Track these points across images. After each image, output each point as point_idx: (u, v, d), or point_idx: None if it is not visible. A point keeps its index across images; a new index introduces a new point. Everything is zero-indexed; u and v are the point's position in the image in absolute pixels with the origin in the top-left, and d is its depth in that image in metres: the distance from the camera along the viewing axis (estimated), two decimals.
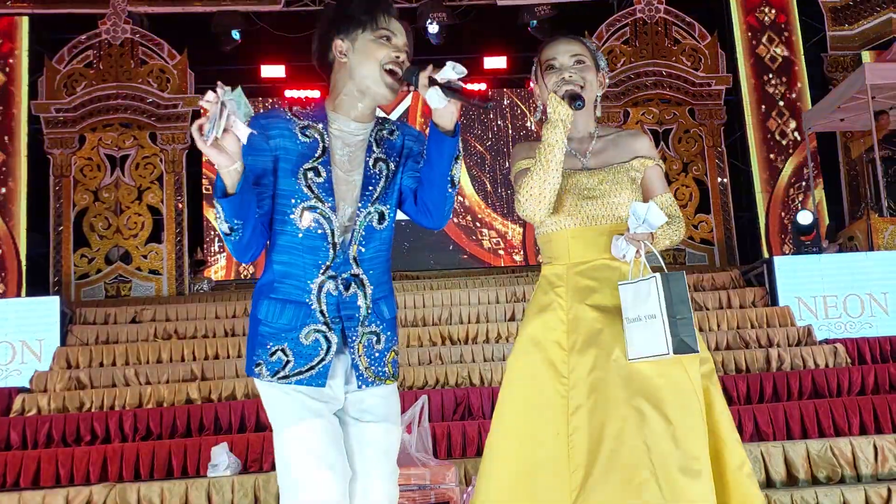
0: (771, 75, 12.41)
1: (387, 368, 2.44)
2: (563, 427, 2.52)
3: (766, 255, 11.32)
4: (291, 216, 2.33)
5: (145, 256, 11.88)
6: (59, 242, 11.80)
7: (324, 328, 2.33)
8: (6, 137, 11.72)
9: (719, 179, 12.42)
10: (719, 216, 12.23)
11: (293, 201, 2.33)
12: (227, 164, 2.13)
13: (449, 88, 2.27)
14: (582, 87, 2.70)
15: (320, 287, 2.34)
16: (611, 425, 2.45)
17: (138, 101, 12.14)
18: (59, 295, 10.18)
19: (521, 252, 13.54)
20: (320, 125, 2.40)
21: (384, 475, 2.42)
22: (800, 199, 12.02)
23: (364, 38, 2.39)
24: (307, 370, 2.31)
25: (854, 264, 8.96)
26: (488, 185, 13.46)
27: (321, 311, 2.33)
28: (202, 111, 2.11)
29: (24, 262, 11.47)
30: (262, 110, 12.35)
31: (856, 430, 6.34)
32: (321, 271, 2.34)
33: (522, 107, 13.76)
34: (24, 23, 12.04)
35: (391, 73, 2.37)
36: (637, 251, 2.59)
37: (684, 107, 12.62)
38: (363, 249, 2.39)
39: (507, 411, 2.69)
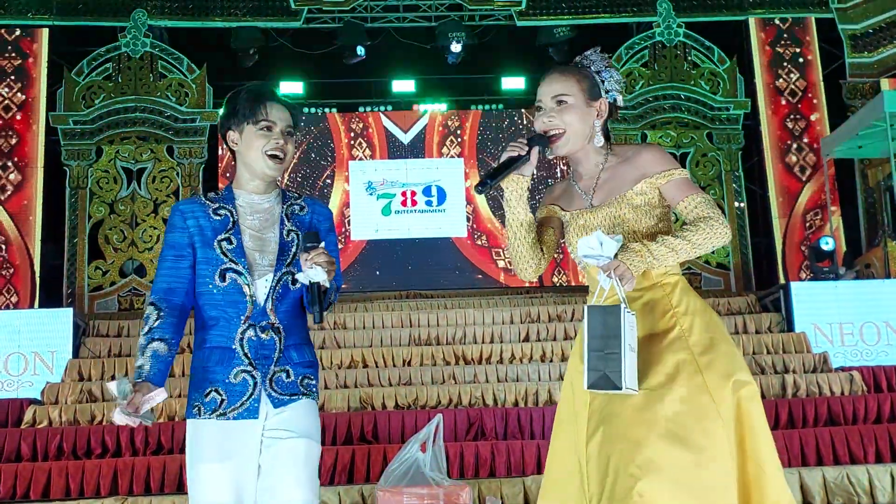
0: (789, 101, 12.38)
1: (300, 388, 2.77)
2: (583, 455, 2.53)
3: (782, 280, 11.25)
4: (212, 280, 2.74)
5: None
6: (74, 254, 11.82)
7: (249, 367, 2.71)
8: (24, 148, 11.77)
9: (736, 204, 12.37)
10: (736, 241, 12.18)
11: (212, 267, 2.74)
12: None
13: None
14: (563, 131, 2.67)
15: (243, 334, 2.72)
16: (613, 458, 2.42)
17: (156, 115, 12.19)
18: (73, 307, 10.19)
19: None
20: (229, 204, 2.82)
21: (299, 480, 2.68)
22: (817, 225, 11.95)
23: (250, 129, 2.78)
24: (240, 406, 2.69)
25: (871, 292, 8.90)
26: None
27: (245, 354, 2.72)
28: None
29: (38, 274, 11.48)
30: None
31: (871, 459, 6.27)
32: (243, 321, 2.72)
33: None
34: (45, 35, 12.12)
35: (273, 157, 2.77)
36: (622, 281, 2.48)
37: (702, 130, 12.59)
38: (279, 304, 2.76)
39: (552, 447, 2.74)
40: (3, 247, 11.46)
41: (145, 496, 6.02)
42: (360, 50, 12.63)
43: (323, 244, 2.62)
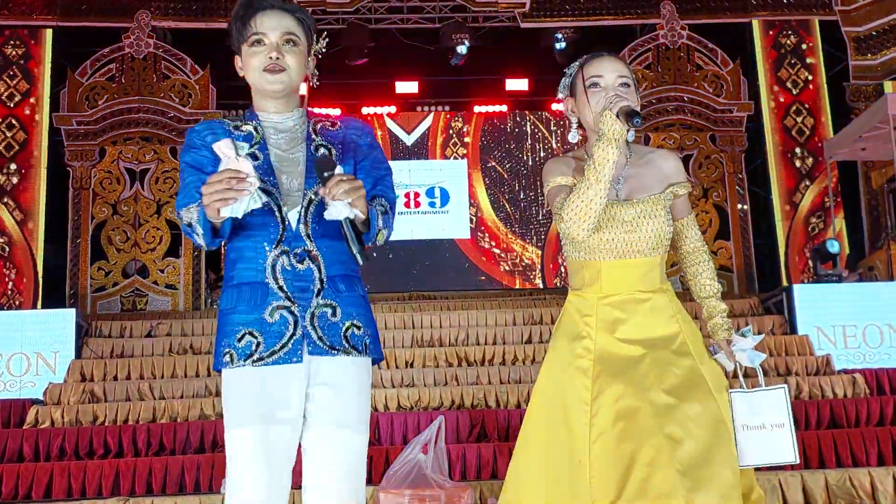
0: (793, 103, 12.37)
1: (343, 341, 2.40)
2: (585, 455, 2.50)
3: (785, 283, 11.24)
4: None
5: (162, 271, 11.90)
6: (77, 255, 11.83)
7: (287, 303, 2.36)
8: (27, 148, 11.78)
9: (739, 206, 12.36)
10: (739, 243, 12.17)
11: None
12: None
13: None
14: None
15: (273, 264, 2.37)
16: (643, 453, 2.43)
17: (160, 116, 12.20)
18: (75, 307, 10.20)
19: (540, 275, 13.50)
20: (252, 122, 2.53)
21: (337, 489, 2.38)
22: (820, 227, 11.94)
23: (245, 50, 2.51)
24: (280, 349, 2.33)
25: (874, 294, 8.88)
26: (508, 207, 13.45)
27: (280, 287, 2.36)
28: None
29: (40, 274, 11.50)
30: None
31: (874, 462, 6.25)
32: (273, 247, 2.37)
33: (543, 130, 13.75)
34: (48, 35, 12.14)
35: (270, 69, 2.46)
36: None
37: (705, 133, 12.59)
38: (316, 227, 2.40)
39: (532, 437, 2.68)
40: (6, 247, 11.47)
41: (147, 497, 6.01)
42: (365, 51, 12.61)
43: (339, 168, 2.27)
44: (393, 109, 13.79)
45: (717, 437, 2.50)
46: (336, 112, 13.48)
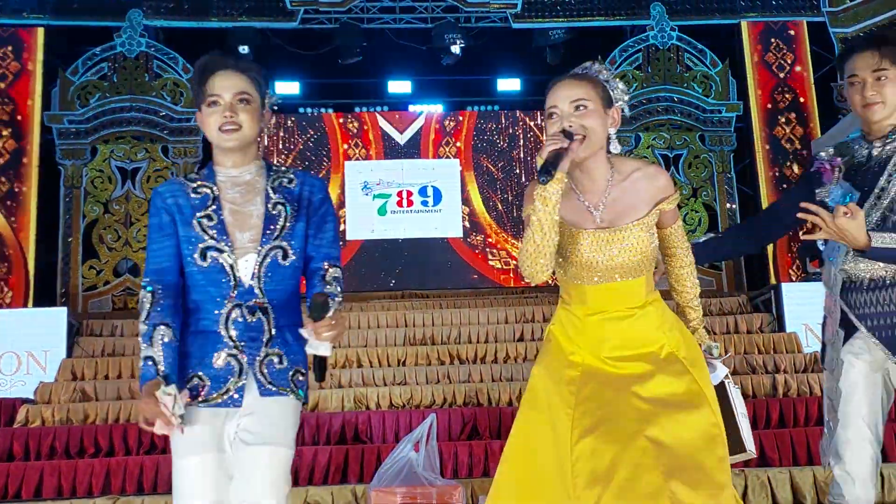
0: (781, 104, 12.43)
1: (290, 384, 2.65)
2: (567, 456, 2.51)
3: (773, 281, 11.29)
4: (193, 260, 2.63)
5: None
6: (68, 253, 11.82)
7: (234, 351, 2.60)
8: (18, 147, 11.76)
9: (728, 205, 12.42)
10: None
11: (192, 246, 2.64)
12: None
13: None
14: (584, 137, 2.56)
15: (227, 315, 2.61)
16: (628, 454, 2.43)
17: (151, 115, 12.20)
18: (67, 306, 10.19)
19: None
20: (210, 181, 2.72)
21: (262, 488, 2.57)
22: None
23: (203, 110, 2.69)
24: (224, 392, 2.59)
25: None
26: (500, 206, 13.47)
27: (230, 337, 2.61)
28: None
29: (32, 273, 11.47)
30: (272, 125, 12.32)
31: None
32: (227, 300, 2.61)
33: (536, 130, 13.79)
34: (40, 34, 12.11)
35: (225, 128, 2.64)
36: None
37: (695, 132, 12.65)
38: (268, 281, 2.63)
39: (519, 438, 2.68)
40: None
41: (138, 496, 6.02)
42: (357, 50, 12.63)
43: (331, 311, 2.51)
44: (385, 109, 13.80)
45: (709, 441, 2.50)
46: (327, 109, 13.50)
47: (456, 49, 12.56)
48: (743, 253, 7.79)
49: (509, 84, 13.80)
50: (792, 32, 12.70)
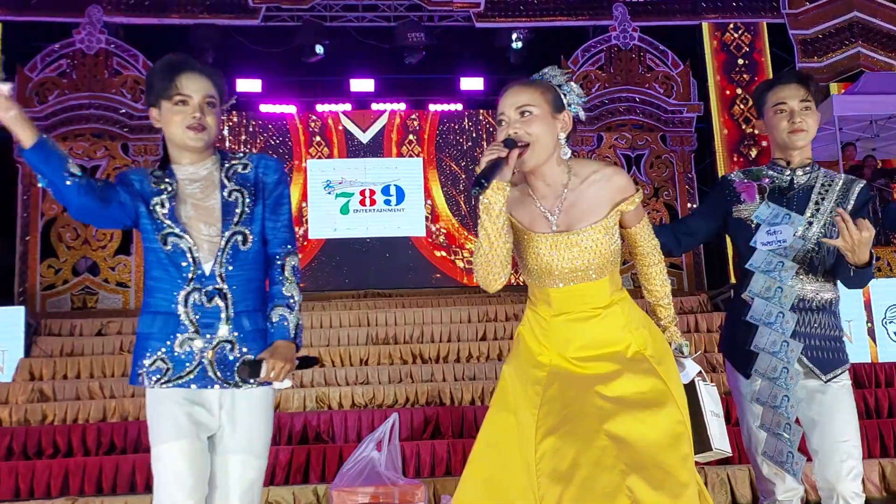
0: (741, 104, 12.58)
1: (234, 376, 2.69)
2: (532, 456, 2.52)
3: (733, 280, 11.42)
4: (154, 241, 2.69)
5: (113, 268, 11.77)
6: (26, 252, 11.65)
7: (194, 335, 2.65)
8: None
9: (689, 205, 12.55)
10: None
11: (152, 229, 2.70)
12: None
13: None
14: (529, 144, 2.56)
15: (186, 298, 2.66)
16: (588, 453, 2.44)
17: (111, 112, 12.06)
18: (25, 305, 10.03)
19: None
20: (170, 178, 2.77)
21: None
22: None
23: (167, 106, 2.72)
24: (186, 374, 2.64)
25: None
26: (463, 205, 13.50)
27: (190, 320, 2.66)
28: None
29: None
30: (234, 123, 12.21)
31: None
32: (186, 283, 2.66)
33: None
34: None
35: (193, 128, 2.70)
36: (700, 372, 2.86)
37: (656, 133, 12.76)
38: (230, 267, 2.69)
39: (484, 440, 2.70)
40: None
41: (97, 496, 5.96)
42: (319, 48, 12.61)
43: (264, 366, 2.61)
44: (348, 107, 13.76)
45: (674, 439, 2.50)
46: (289, 107, 13.45)
47: (417, 50, 12.54)
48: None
49: (472, 83, 13.81)
50: (752, 34, 12.86)
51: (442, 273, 13.27)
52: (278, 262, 2.77)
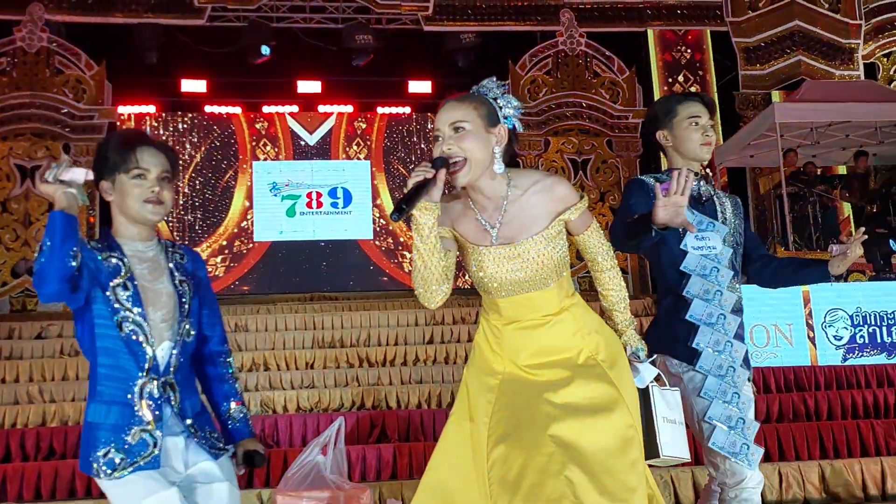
0: None
1: (218, 444, 2.75)
2: (483, 463, 2.55)
3: None
4: (109, 326, 2.59)
5: None
6: None
7: (149, 427, 2.59)
8: None
9: None
10: None
11: (109, 313, 2.59)
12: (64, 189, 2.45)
13: None
14: (464, 159, 2.54)
15: (142, 388, 2.60)
16: (535, 461, 2.45)
17: (53, 112, 11.85)
18: None
19: None
20: (115, 251, 2.68)
21: None
22: None
23: (124, 179, 2.67)
24: (142, 460, 2.57)
25: (761, 295, 9.17)
26: None
27: (144, 411, 2.60)
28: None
29: None
30: (181, 125, 12.04)
31: (775, 457, 6.48)
32: (143, 373, 2.61)
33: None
34: None
35: (152, 202, 2.67)
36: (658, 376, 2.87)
37: (602, 138, 12.90)
38: (181, 358, 2.69)
39: (442, 448, 2.73)
40: None
41: (36, 502, 5.85)
42: (265, 49, 12.52)
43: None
44: (295, 109, 13.69)
45: (623, 443, 2.53)
46: (235, 108, 13.32)
47: (363, 51, 12.52)
48: None
49: (420, 86, 13.84)
50: (697, 41, 13.06)
51: (389, 276, 13.26)
52: (227, 360, 2.85)
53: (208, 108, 13.44)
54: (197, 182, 13.08)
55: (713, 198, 3.34)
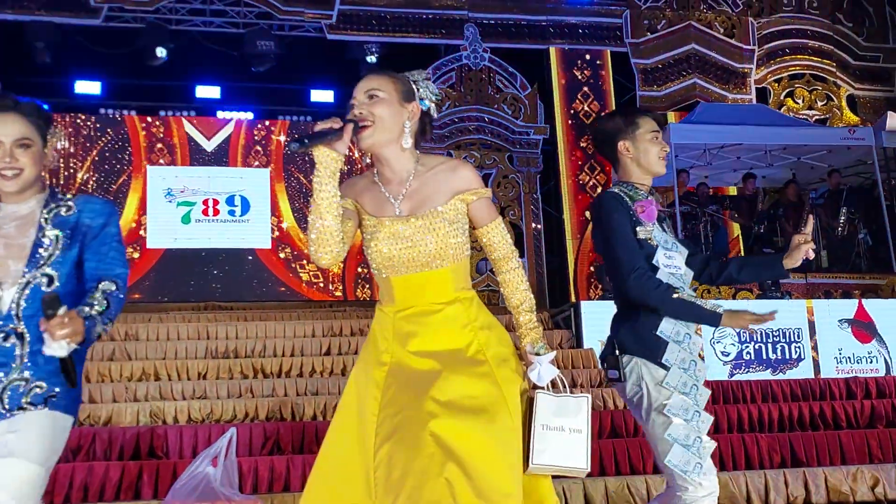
0: (585, 129, 13.00)
1: (33, 398, 2.62)
2: (371, 463, 2.54)
3: (573, 299, 11.74)
4: None
5: None
6: None
7: None
8: None
9: (534, 225, 12.85)
10: (532, 260, 12.63)
11: None
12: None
13: None
14: (372, 123, 2.65)
15: None
16: (417, 462, 2.44)
17: None
18: None
19: (341, 287, 13.48)
20: None
21: None
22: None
23: None
24: None
25: None
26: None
27: None
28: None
29: None
30: (72, 127, 11.65)
31: (650, 469, 6.60)
32: None
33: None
34: None
35: (6, 176, 2.67)
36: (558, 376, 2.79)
37: (504, 153, 13.03)
38: (25, 306, 2.63)
39: (329, 447, 2.69)
40: None
41: None
42: (161, 52, 12.23)
43: (63, 308, 2.44)
44: (192, 114, 13.41)
45: (502, 446, 2.53)
46: (130, 111, 12.99)
47: (265, 56, 12.35)
48: None
49: (323, 95, 13.75)
50: (598, 61, 13.33)
51: (287, 287, 13.08)
52: (91, 288, 2.71)
53: (102, 111, 13.05)
54: (89, 186, 12.67)
55: (666, 217, 3.42)
